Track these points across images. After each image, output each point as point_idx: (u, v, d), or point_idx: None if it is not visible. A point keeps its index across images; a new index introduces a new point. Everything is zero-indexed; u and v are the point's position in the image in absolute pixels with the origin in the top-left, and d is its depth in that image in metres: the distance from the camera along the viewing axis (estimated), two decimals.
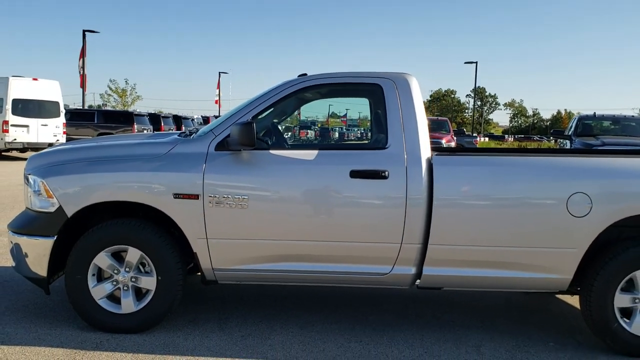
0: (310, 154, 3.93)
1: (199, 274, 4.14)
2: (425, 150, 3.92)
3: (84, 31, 28.16)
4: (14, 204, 9.43)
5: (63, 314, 4.27)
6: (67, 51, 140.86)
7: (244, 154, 3.89)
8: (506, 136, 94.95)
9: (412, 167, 3.85)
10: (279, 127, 4.67)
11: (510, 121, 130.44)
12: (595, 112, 13.08)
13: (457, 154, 4.26)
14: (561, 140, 14.05)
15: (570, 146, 12.23)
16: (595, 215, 3.76)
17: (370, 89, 4.18)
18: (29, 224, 4.01)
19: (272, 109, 4.21)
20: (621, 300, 3.86)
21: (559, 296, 5.15)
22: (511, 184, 3.83)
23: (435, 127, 19.93)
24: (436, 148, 4.65)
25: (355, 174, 3.85)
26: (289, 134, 6.35)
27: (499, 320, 4.53)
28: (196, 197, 3.81)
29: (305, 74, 4.30)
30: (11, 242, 4.08)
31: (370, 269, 3.95)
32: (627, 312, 3.91)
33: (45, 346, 3.68)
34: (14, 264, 4.11)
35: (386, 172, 3.83)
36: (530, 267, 3.86)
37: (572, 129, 12.82)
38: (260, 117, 4.11)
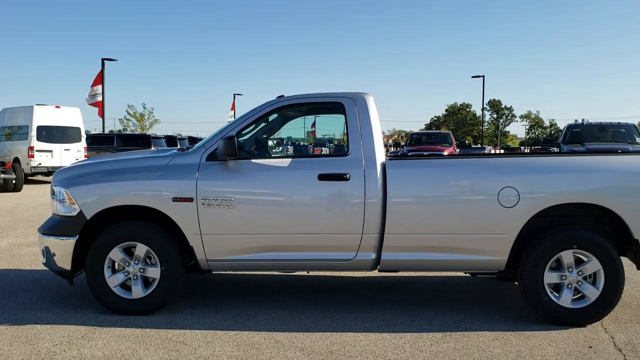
0: (285, 162, 4.74)
1: (198, 273, 4.94)
2: (380, 156, 4.70)
3: (102, 59, 29.53)
4: (41, 220, 10.32)
5: (84, 301, 5.10)
6: (87, 79, 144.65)
7: (230, 163, 4.71)
8: (522, 147, 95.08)
9: (369, 169, 4.63)
10: (262, 141, 5.48)
11: (527, 133, 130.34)
12: (583, 120, 13.73)
13: (407, 159, 5.03)
14: (555, 148, 14.70)
15: None
16: (522, 206, 4.50)
17: (335, 106, 4.98)
18: (55, 226, 4.87)
19: (254, 125, 5.03)
20: (550, 277, 4.56)
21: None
22: (451, 181, 4.60)
23: (438, 140, 20.68)
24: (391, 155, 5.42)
25: (322, 177, 4.63)
26: (280, 148, 7.15)
27: (454, 302, 5.25)
28: (190, 200, 4.63)
29: (283, 96, 5.11)
30: (41, 243, 4.93)
31: (338, 255, 4.71)
32: (557, 288, 4.61)
33: (71, 324, 4.50)
34: (44, 261, 4.96)
35: (347, 175, 4.61)
36: (471, 250, 4.60)
37: (562, 136, 13.47)
38: (244, 132, 4.94)
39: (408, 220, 4.61)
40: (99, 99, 28.41)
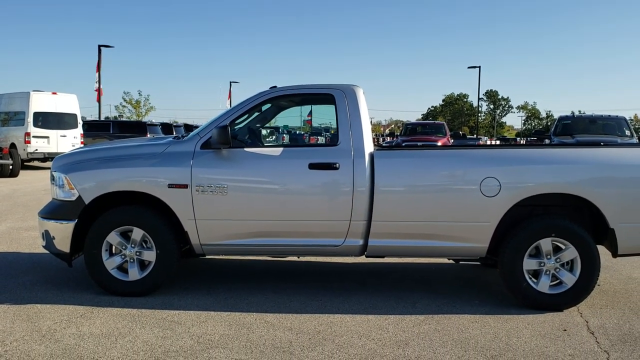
0: (277, 151, 4.92)
1: (192, 257, 5.14)
2: (368, 146, 4.89)
3: (99, 46, 29.56)
4: (38, 205, 10.50)
5: (83, 283, 5.30)
6: (84, 67, 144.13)
7: (224, 152, 4.88)
8: (518, 139, 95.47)
9: (358, 159, 4.81)
10: (256, 130, 5.66)
11: (524, 124, 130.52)
12: (574, 113, 13.93)
13: (394, 149, 5.22)
14: (546, 140, 14.91)
15: None
16: (503, 195, 4.69)
17: (325, 98, 5.15)
18: (55, 210, 5.05)
19: (247, 115, 5.21)
20: (529, 264, 4.77)
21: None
22: (436, 171, 4.79)
23: (432, 131, 20.86)
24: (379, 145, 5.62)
25: (312, 166, 4.82)
26: (273, 137, 7.31)
27: (438, 287, 5.47)
28: (185, 186, 4.81)
29: (275, 86, 5.28)
30: (41, 226, 5.11)
31: (327, 241, 4.90)
32: (536, 274, 4.82)
33: (70, 304, 4.70)
34: (43, 244, 5.15)
35: (337, 164, 4.79)
36: (454, 237, 4.80)
37: (553, 128, 13.69)
38: (237, 121, 5.12)
39: (394, 208, 4.80)
40: (97, 85, 28.54)
